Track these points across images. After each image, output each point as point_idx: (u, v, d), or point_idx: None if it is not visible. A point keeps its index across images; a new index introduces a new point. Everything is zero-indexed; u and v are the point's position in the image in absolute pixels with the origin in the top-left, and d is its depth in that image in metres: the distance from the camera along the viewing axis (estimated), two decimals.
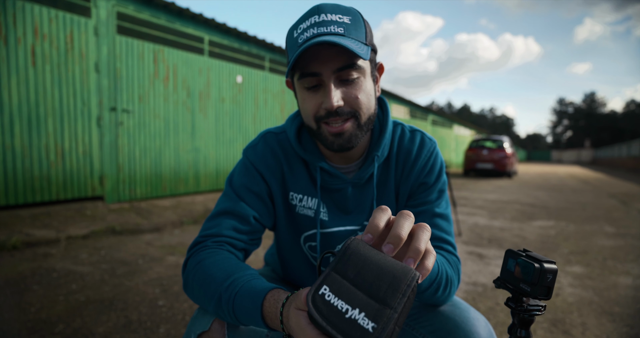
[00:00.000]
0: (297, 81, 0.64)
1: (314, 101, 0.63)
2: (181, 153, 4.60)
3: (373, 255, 0.39)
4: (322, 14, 0.59)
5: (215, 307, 0.55)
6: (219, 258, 0.61)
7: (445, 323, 0.67)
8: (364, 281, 0.36)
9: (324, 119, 0.63)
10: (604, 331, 1.51)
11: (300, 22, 0.61)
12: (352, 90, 0.61)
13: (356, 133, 0.64)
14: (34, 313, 1.55)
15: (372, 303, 0.35)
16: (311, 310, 0.36)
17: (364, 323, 0.34)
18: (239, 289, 0.53)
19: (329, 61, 0.59)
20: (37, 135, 3.28)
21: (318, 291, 0.37)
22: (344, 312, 0.35)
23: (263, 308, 0.50)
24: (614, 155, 26.38)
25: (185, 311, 1.62)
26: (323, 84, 0.61)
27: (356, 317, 0.34)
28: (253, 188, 0.72)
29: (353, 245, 0.39)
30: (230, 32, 5.18)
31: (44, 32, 3.30)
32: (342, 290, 0.36)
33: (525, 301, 0.50)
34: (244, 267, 0.59)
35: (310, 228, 0.75)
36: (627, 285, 2.07)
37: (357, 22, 0.61)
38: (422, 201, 0.74)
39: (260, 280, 0.55)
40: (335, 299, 0.36)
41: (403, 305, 0.35)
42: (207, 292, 0.57)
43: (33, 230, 2.83)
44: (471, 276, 2.18)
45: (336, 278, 0.37)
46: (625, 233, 3.46)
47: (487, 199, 5.98)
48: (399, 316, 0.34)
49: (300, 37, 0.60)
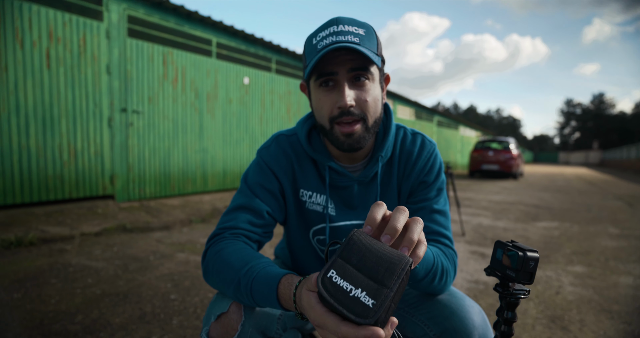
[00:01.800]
0: (313, 82, 0.70)
1: (329, 101, 0.69)
2: (189, 153, 4.70)
3: (373, 244, 0.45)
4: (340, 25, 0.67)
5: (235, 291, 0.62)
6: (236, 248, 0.67)
7: (442, 310, 0.72)
8: (365, 266, 0.42)
9: (337, 119, 0.69)
10: (602, 328, 1.56)
11: (320, 31, 0.68)
12: (363, 93, 0.68)
13: (364, 135, 0.71)
14: (54, 304, 1.63)
15: (372, 284, 0.41)
16: (320, 290, 0.43)
17: (365, 300, 0.40)
18: (255, 275, 0.60)
19: (345, 63, 0.66)
20: (51, 135, 3.39)
21: (327, 274, 0.43)
22: (348, 291, 0.41)
23: (278, 291, 0.56)
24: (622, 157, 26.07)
25: (197, 304, 1.69)
26: (338, 85, 0.68)
27: (359, 295, 0.40)
28: (266, 186, 0.78)
29: (356, 235, 0.46)
30: (237, 35, 5.27)
31: (58, 36, 3.41)
32: (347, 273, 0.42)
33: (511, 286, 0.56)
34: (259, 256, 0.65)
35: (318, 223, 0.81)
36: (627, 284, 2.10)
37: (370, 35, 0.68)
38: (422, 199, 0.80)
39: (275, 267, 0.61)
40: (341, 281, 0.42)
41: (398, 286, 0.41)
42: (226, 278, 0.63)
43: (48, 227, 2.93)
44: (473, 275, 2.23)
45: (342, 264, 0.44)
46: (629, 235, 3.47)
47: (491, 200, 6.00)
48: (394, 295, 0.40)
49: (319, 43, 0.67)
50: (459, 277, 2.17)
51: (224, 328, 0.63)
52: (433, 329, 0.74)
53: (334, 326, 0.41)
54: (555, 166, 34.59)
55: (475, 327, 0.70)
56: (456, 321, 0.70)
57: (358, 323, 0.39)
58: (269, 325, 0.68)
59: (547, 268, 2.39)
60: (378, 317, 0.39)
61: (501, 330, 0.57)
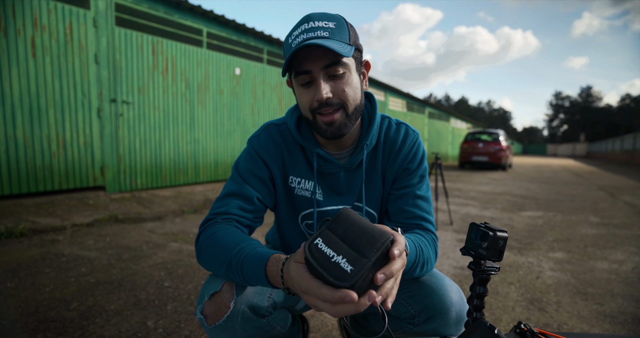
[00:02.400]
0: (293, 79, 0.74)
1: (308, 96, 0.73)
2: (180, 144, 4.68)
3: (359, 220, 0.49)
4: (311, 22, 0.70)
5: (226, 271, 0.66)
6: (228, 232, 0.71)
7: (423, 289, 0.78)
8: (349, 237, 0.47)
9: (317, 110, 0.73)
10: (576, 308, 1.65)
11: (293, 30, 0.72)
12: (339, 84, 0.72)
13: (345, 122, 0.74)
14: (48, 292, 1.65)
15: (352, 253, 0.45)
16: (307, 254, 0.47)
17: (344, 266, 0.44)
18: (246, 254, 0.64)
19: (317, 59, 0.69)
20: (38, 126, 3.34)
21: (313, 241, 0.48)
22: (330, 257, 0.45)
23: (266, 268, 0.60)
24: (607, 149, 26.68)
25: (191, 291, 1.73)
26: (314, 80, 0.72)
27: (339, 261, 0.45)
28: (256, 173, 0.82)
29: (345, 211, 0.50)
30: (228, 24, 5.20)
31: (43, 24, 3.34)
32: (332, 242, 0.47)
33: (483, 263, 0.61)
34: (249, 238, 0.69)
35: (307, 208, 0.85)
36: (602, 268, 2.21)
37: (341, 26, 0.71)
38: (405, 185, 0.85)
39: (264, 248, 0.66)
40: (326, 248, 0.46)
41: (376, 258, 0.45)
42: (218, 259, 0.67)
43: (38, 218, 2.92)
44: (459, 262, 2.31)
45: (328, 234, 0.48)
46: (608, 223, 3.61)
47: (480, 190, 6.13)
48: (372, 264, 0.45)
49: (293, 42, 0.70)
50: (446, 264, 2.25)
51: (217, 306, 0.67)
52: (414, 307, 0.79)
53: (316, 289, 0.45)
54: (544, 157, 35.24)
55: (453, 304, 0.75)
56: (435, 299, 0.76)
57: (336, 286, 0.43)
58: (260, 303, 0.72)
59: (529, 254, 2.49)
60: (354, 282, 0.43)
61: (474, 304, 0.62)
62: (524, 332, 0.74)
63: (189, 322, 1.44)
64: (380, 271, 0.46)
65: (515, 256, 2.44)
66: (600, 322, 1.52)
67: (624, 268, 2.22)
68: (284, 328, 0.80)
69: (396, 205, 0.84)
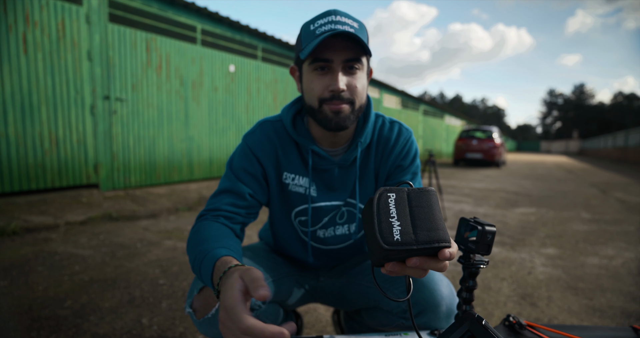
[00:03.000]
0: (308, 65, 0.75)
1: (322, 83, 0.74)
2: (175, 141, 4.65)
3: (437, 209, 0.46)
4: (338, 16, 0.72)
5: (192, 268, 0.66)
6: (208, 228, 0.70)
7: (414, 283, 0.79)
8: (418, 213, 0.45)
9: (327, 101, 0.74)
10: (566, 303, 1.68)
11: (318, 19, 0.73)
12: (353, 80, 0.74)
13: (349, 116, 0.76)
14: (41, 291, 1.65)
15: (409, 228, 0.44)
16: (375, 198, 0.45)
17: (395, 232, 0.43)
18: (205, 254, 0.60)
19: (341, 51, 0.71)
20: (30, 123, 3.31)
21: (387, 193, 0.46)
22: (390, 215, 0.44)
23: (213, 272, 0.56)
24: (600, 146, 26.99)
25: (185, 288, 1.73)
26: (331, 70, 0.73)
27: (394, 224, 0.44)
28: (249, 170, 0.82)
29: (432, 192, 0.48)
30: (222, 21, 5.17)
31: (35, 20, 3.29)
32: (401, 205, 0.45)
33: (472, 257, 0.62)
34: (222, 237, 0.67)
35: (300, 203, 0.86)
36: (593, 264, 2.25)
37: (362, 29, 0.74)
38: (398, 181, 0.86)
39: (224, 250, 0.61)
40: (393, 206, 0.45)
41: (422, 248, 0.43)
42: (190, 257, 0.67)
43: (31, 216, 2.89)
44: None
45: (403, 196, 0.46)
46: (600, 219, 3.66)
47: (474, 187, 6.18)
48: (415, 250, 0.43)
49: (318, 29, 0.71)
50: None
51: (205, 300, 0.68)
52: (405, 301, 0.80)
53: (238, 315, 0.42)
54: (537, 154, 35.54)
55: (443, 298, 0.77)
56: (426, 293, 0.77)
57: (377, 243, 0.42)
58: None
59: (521, 250, 2.52)
60: (391, 251, 0.42)
61: (463, 297, 0.63)
62: (513, 325, 0.76)
63: (183, 319, 1.44)
64: (417, 258, 0.44)
65: (508, 252, 2.48)
66: (589, 316, 1.55)
67: (614, 264, 2.26)
68: (275, 323, 0.80)
69: None
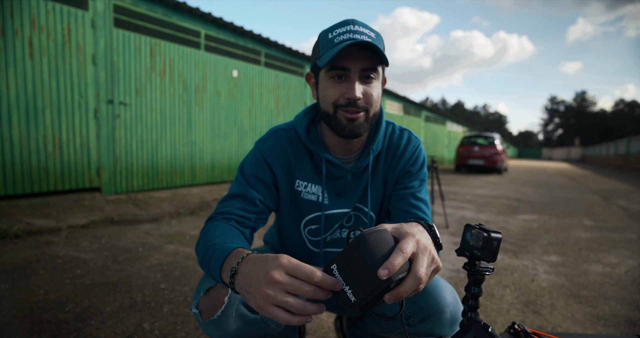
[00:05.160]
0: (325, 72, 0.76)
1: (338, 91, 0.75)
2: (177, 145, 4.67)
3: (368, 254, 0.49)
4: (356, 26, 0.73)
5: (201, 265, 0.66)
6: (219, 228, 0.72)
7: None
8: (358, 268, 0.49)
9: (342, 107, 0.75)
10: (570, 311, 1.67)
11: (336, 28, 0.74)
12: (370, 89, 0.75)
13: (364, 124, 0.77)
14: (43, 294, 1.64)
15: (357, 286, 0.49)
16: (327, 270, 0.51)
17: (350, 296, 0.49)
18: (215, 250, 0.62)
19: (359, 60, 0.72)
20: (34, 126, 3.33)
21: (330, 266, 0.51)
22: (343, 284, 0.50)
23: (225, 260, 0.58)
24: (602, 153, 26.94)
25: (187, 293, 1.73)
26: (348, 79, 0.74)
27: (346, 290, 0.49)
28: (260, 176, 0.83)
29: (361, 239, 0.50)
30: (226, 27, 5.22)
31: (41, 24, 3.33)
32: (344, 270, 0.50)
33: (477, 264, 0.62)
34: (235, 237, 0.68)
35: (312, 211, 0.87)
36: (596, 272, 2.23)
37: (379, 39, 0.75)
38: (406, 186, 0.87)
39: (236, 243, 0.63)
40: (339, 276, 0.50)
41: (374, 297, 0.48)
42: (199, 253, 0.67)
43: (33, 219, 2.90)
44: (455, 264, 2.32)
45: (342, 262, 0.50)
46: (602, 227, 3.64)
47: (476, 194, 6.16)
48: (372, 300, 0.48)
49: (336, 38, 0.73)
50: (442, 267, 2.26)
51: (211, 301, 0.68)
52: (409, 307, 0.80)
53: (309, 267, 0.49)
54: (539, 161, 35.49)
55: (447, 305, 0.76)
56: (430, 300, 0.77)
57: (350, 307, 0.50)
58: None
59: (524, 257, 2.51)
60: (359, 307, 0.49)
61: (468, 304, 0.63)
62: (518, 332, 0.75)
63: (185, 324, 1.44)
64: (389, 294, 0.48)
65: (511, 259, 2.46)
66: (593, 325, 1.54)
67: (618, 272, 2.24)
68: (279, 328, 0.80)
69: (397, 206, 0.87)
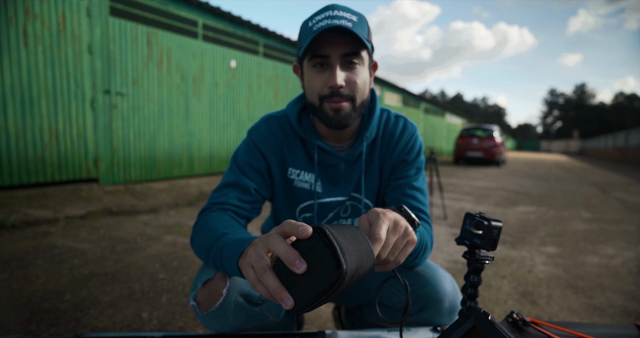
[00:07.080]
0: (307, 62, 0.73)
1: (321, 80, 0.73)
2: (175, 136, 4.64)
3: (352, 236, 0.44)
4: (336, 11, 0.70)
5: (206, 257, 0.65)
6: (219, 219, 0.70)
7: (417, 279, 0.79)
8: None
9: (327, 98, 0.73)
10: (567, 302, 1.68)
11: (316, 15, 0.71)
12: (353, 75, 0.72)
13: (351, 114, 0.75)
14: (41, 284, 1.64)
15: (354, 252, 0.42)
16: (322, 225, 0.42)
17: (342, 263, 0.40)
18: (227, 240, 0.60)
19: (338, 46, 0.70)
20: (30, 117, 3.29)
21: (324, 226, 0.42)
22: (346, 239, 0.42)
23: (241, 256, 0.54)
24: (600, 146, 26.96)
25: (185, 283, 1.73)
26: (330, 66, 0.72)
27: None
28: (253, 164, 0.82)
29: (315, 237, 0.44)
30: (224, 16, 5.14)
31: (35, 12, 3.27)
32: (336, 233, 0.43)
33: (477, 253, 0.61)
34: (237, 227, 0.68)
35: (306, 199, 0.85)
36: (593, 263, 2.24)
37: (362, 22, 0.72)
38: (402, 176, 0.85)
39: (248, 235, 0.62)
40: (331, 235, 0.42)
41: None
42: (202, 244, 0.66)
43: (30, 210, 2.89)
44: (453, 255, 2.33)
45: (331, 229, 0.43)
46: (599, 218, 3.66)
47: (474, 186, 6.17)
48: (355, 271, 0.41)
49: (315, 26, 0.70)
50: (439, 257, 2.27)
51: (209, 293, 0.67)
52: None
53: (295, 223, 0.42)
54: (537, 153, 35.54)
55: (446, 294, 0.76)
56: (429, 289, 0.77)
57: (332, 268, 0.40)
58: (253, 291, 0.72)
59: (522, 249, 2.52)
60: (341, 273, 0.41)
61: (468, 293, 0.62)
62: (516, 321, 0.75)
63: (183, 314, 1.44)
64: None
65: (508, 251, 2.47)
66: (589, 315, 1.55)
67: (614, 263, 2.26)
68: (277, 318, 0.80)
69: (393, 196, 0.85)
